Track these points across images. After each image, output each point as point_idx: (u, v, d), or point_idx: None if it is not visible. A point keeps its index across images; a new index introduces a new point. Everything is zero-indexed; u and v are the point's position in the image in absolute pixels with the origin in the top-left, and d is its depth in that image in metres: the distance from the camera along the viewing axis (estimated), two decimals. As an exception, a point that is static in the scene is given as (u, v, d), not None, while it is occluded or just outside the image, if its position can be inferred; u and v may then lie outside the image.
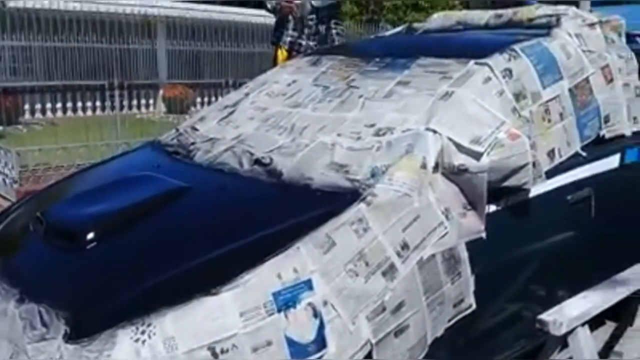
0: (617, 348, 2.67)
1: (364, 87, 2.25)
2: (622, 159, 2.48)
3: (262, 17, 11.05)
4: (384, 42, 3.08)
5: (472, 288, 1.85)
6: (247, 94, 2.64)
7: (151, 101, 12.01)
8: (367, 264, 1.61)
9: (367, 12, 15.39)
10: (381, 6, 15.54)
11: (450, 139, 1.85)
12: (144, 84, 11.51)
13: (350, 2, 14.61)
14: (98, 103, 10.91)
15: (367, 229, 1.65)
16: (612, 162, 2.43)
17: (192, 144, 2.34)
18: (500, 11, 2.88)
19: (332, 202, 1.72)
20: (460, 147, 1.84)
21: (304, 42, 4.19)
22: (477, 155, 1.83)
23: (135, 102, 11.45)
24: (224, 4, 12.66)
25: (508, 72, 2.09)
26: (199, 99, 12.03)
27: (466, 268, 1.83)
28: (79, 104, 11.03)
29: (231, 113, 2.51)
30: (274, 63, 3.90)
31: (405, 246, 1.70)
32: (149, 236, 1.77)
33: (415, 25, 3.18)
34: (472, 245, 1.83)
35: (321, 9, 4.22)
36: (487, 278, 1.88)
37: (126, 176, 2.16)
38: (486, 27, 2.81)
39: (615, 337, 2.72)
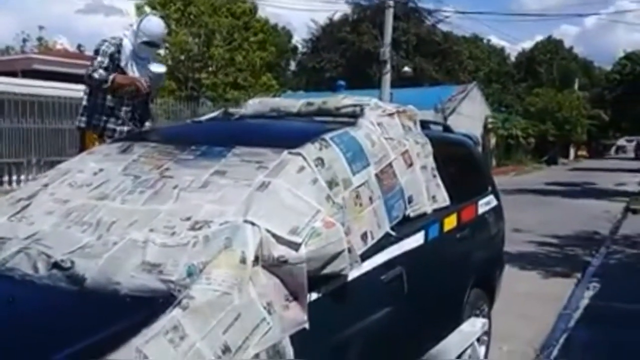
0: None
1: (178, 177, 2.16)
2: (425, 236, 2.69)
3: (73, 91, 10.39)
4: (199, 128, 3.03)
5: (299, 382, 1.79)
6: (45, 185, 2.36)
7: None
8: (184, 377, 1.47)
9: (186, 88, 15.43)
10: (200, 83, 15.72)
11: (268, 231, 1.83)
12: None
13: (169, 78, 14.54)
14: None
15: (183, 337, 1.52)
16: (418, 239, 2.63)
17: (-26, 246, 1.99)
18: (311, 99, 3.05)
19: (143, 309, 1.56)
20: (278, 239, 1.83)
21: (118, 128, 3.86)
22: (296, 246, 1.82)
23: None
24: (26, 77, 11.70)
25: (320, 161, 2.17)
26: (-6, 179, 10.72)
27: None
28: None
29: (25, 207, 2.21)
30: (81, 150, 3.48)
31: (226, 349, 1.59)
32: None
33: (232, 110, 3.21)
34: (296, 337, 1.79)
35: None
36: None
37: None
38: (298, 114, 2.94)
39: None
